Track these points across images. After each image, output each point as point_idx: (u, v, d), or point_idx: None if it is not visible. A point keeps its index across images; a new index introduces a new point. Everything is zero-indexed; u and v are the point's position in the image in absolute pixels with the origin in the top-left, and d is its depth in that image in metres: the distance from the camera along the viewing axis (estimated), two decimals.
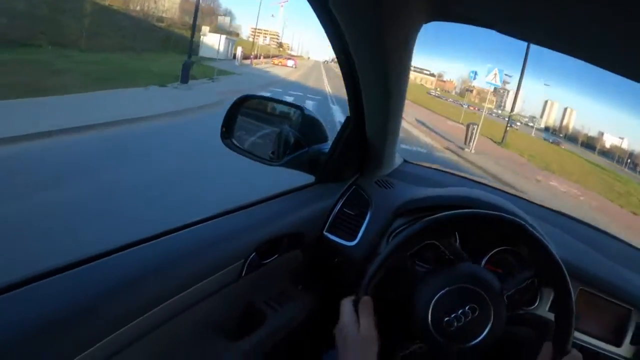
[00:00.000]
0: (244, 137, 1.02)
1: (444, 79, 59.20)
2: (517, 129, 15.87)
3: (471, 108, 32.05)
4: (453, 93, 51.81)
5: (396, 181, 1.04)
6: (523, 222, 0.68)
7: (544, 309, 0.81)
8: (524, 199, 1.21)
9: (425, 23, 0.61)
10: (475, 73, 23.91)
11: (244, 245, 0.76)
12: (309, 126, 0.98)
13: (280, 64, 32.10)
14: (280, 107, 1.06)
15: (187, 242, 0.68)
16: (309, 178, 1.03)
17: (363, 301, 0.65)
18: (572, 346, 0.67)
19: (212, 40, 21.07)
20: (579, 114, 44.84)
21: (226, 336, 0.72)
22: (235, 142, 0.98)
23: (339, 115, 10.32)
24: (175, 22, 24.04)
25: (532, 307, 0.84)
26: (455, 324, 0.65)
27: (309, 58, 64.10)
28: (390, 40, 0.61)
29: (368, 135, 0.94)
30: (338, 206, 0.98)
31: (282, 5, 57.81)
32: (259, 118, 1.05)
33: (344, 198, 0.99)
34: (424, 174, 1.18)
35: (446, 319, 0.65)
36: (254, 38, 33.98)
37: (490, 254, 0.86)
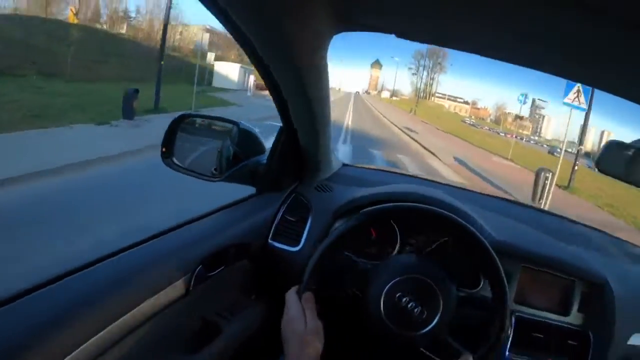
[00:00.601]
0: (186, 156, 1.06)
1: (478, 107, 58.37)
2: (558, 157, 12.46)
3: (508, 136, 31.33)
4: (488, 120, 51.01)
5: (335, 185, 1.11)
6: (444, 211, 0.75)
7: (487, 289, 0.85)
8: (465, 189, 1.29)
9: (335, 34, 0.67)
10: (525, 96, 20.30)
11: (190, 259, 0.80)
12: (246, 139, 1.04)
13: None
14: (218, 123, 1.11)
15: (134, 262, 0.72)
16: (252, 190, 1.09)
17: (305, 298, 0.71)
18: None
19: (225, 70, 19.02)
20: (617, 137, 39.52)
21: (182, 350, 0.74)
22: (176, 162, 1.02)
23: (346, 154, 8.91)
24: (192, 51, 22.51)
25: (477, 289, 0.92)
26: (407, 312, 0.71)
27: (339, 90, 67.16)
28: (301, 51, 0.67)
29: (301, 143, 1.01)
30: (280, 214, 1.05)
31: None
32: (200, 135, 1.11)
33: (285, 205, 1.06)
34: (363, 175, 1.26)
35: (398, 307, 0.71)
36: None
37: (434, 246, 0.94)
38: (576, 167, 12.34)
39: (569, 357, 0.91)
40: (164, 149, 0.99)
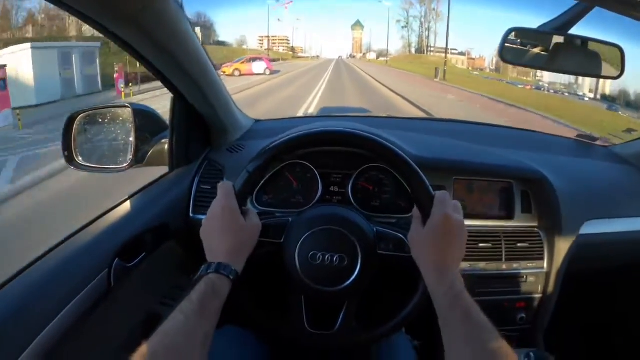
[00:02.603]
0: (93, 153, 1.01)
1: (473, 56, 52.67)
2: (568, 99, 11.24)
3: (527, 87, 24.75)
4: (487, 70, 44.30)
5: (248, 142, 1.07)
6: (351, 130, 0.71)
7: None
8: (387, 117, 1.29)
9: None
10: None
11: (104, 254, 0.77)
12: (144, 119, 0.97)
13: (238, 72, 20.90)
14: (112, 111, 1.03)
15: (43, 271, 0.68)
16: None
17: (247, 208, 0.70)
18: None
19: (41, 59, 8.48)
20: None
21: (123, 349, 0.71)
22: (83, 162, 0.97)
23: None
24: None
25: (410, 214, 0.87)
26: (323, 267, 0.67)
27: (318, 57, 61.92)
28: (137, 11, 0.60)
29: (197, 109, 0.96)
30: (195, 185, 1.01)
31: (286, 7, 57.01)
32: (99, 128, 1.03)
33: (199, 176, 1.02)
34: (277, 126, 1.22)
35: (313, 263, 0.67)
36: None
37: (357, 172, 0.92)
38: None
39: (523, 259, 0.90)
40: (65, 153, 0.95)
